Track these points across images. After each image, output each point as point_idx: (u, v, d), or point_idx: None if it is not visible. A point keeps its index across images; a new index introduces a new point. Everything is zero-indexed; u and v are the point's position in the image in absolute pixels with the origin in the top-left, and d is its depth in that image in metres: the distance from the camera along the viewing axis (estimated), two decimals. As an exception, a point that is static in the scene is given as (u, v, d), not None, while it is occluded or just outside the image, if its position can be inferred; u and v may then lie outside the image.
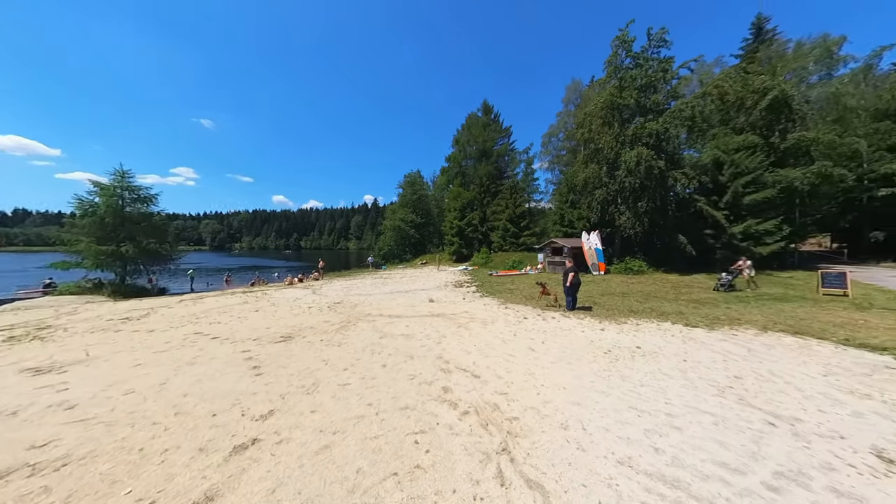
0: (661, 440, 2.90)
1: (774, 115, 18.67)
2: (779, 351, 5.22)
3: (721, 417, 3.26)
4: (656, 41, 17.52)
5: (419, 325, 7.40)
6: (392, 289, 13.98)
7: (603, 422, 3.24)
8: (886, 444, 2.81)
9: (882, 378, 4.15)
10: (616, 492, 2.32)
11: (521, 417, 3.37)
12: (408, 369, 4.73)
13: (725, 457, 2.66)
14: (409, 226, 38.01)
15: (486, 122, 34.83)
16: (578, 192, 21.65)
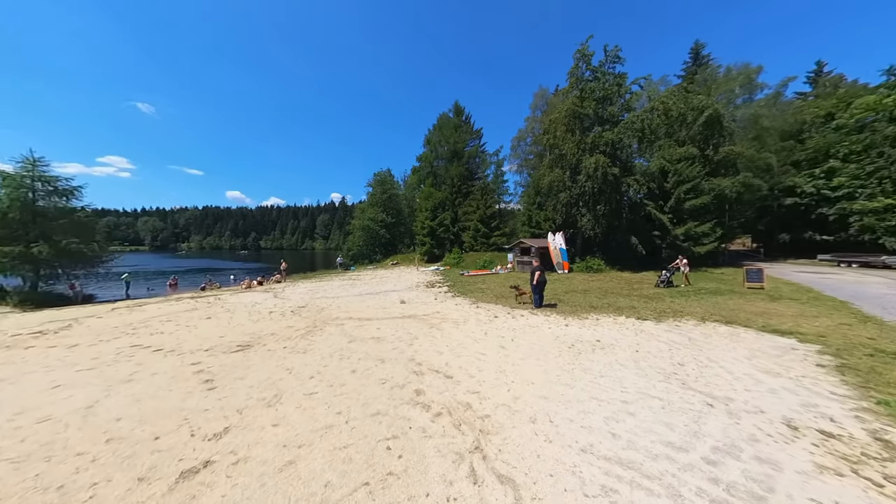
0: (618, 426, 3.15)
1: (709, 131, 21.23)
2: (714, 339, 5.93)
3: (668, 401, 3.62)
4: (612, 57, 19.00)
5: (390, 327, 7.26)
6: (362, 290, 13.56)
7: (567, 413, 3.43)
8: (793, 415, 3.32)
9: (789, 358, 4.90)
10: (579, 478, 2.47)
11: (493, 415, 3.45)
12: (379, 374, 4.61)
13: (671, 437, 2.96)
14: (379, 225, 37.11)
15: (458, 123, 35.18)
16: (544, 195, 22.77)
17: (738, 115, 25.56)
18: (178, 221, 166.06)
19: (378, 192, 38.83)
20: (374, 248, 37.97)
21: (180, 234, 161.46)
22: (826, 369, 4.44)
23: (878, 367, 4.42)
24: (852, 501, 2.20)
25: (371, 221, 36.99)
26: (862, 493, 2.28)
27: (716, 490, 2.32)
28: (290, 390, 4.09)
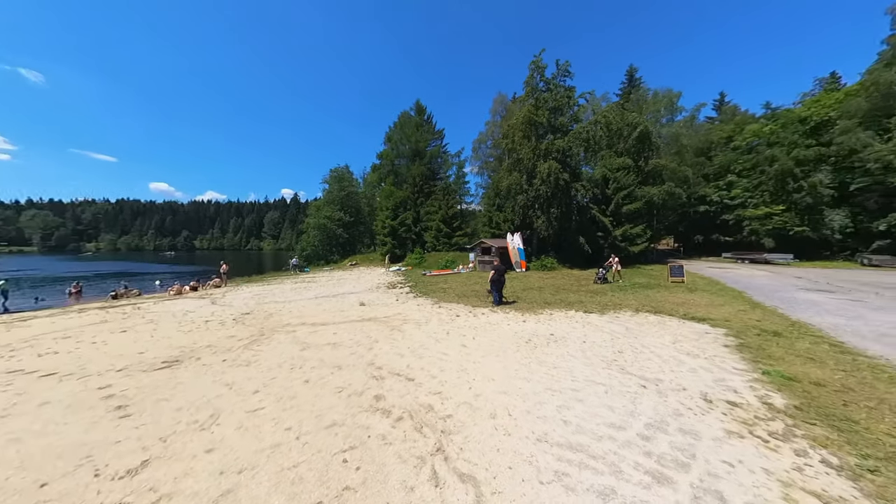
0: (569, 413, 3.38)
1: (641, 145, 24.13)
2: (646, 327, 6.73)
3: (609, 386, 4.00)
4: (562, 71, 20.56)
5: (348, 331, 6.91)
6: (317, 293, 12.70)
7: (525, 405, 3.58)
8: (708, 389, 3.90)
9: (704, 341, 5.76)
10: (535, 467, 2.58)
11: (455, 414, 3.46)
12: (335, 382, 4.34)
13: (612, 418, 3.26)
14: (336, 224, 35.21)
15: (419, 122, 34.96)
16: (504, 197, 23.76)
17: (664, 133, 29.56)
18: (80, 216, 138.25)
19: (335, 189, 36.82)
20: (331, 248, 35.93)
21: (85, 231, 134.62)
22: (730, 349, 5.31)
23: (763, 344, 5.42)
24: (749, 458, 2.64)
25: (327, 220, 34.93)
26: (755, 449, 2.75)
27: (649, 462, 2.60)
28: (230, 409, 3.63)
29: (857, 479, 2.38)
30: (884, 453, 2.63)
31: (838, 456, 2.63)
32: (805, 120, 26.14)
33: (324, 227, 35.04)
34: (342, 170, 38.69)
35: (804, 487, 2.31)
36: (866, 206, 22.97)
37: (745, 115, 33.27)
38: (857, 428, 2.99)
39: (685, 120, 32.53)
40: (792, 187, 24.38)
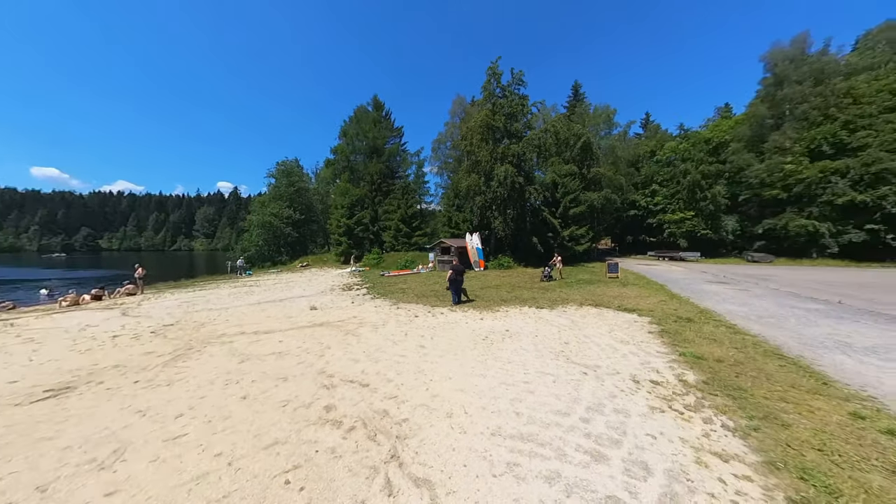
0: (521, 405, 3.53)
1: (584, 154, 26.60)
2: (588, 319, 7.39)
3: (557, 376, 4.28)
4: (517, 80, 21.68)
5: (297, 338, 6.35)
6: (261, 298, 11.50)
7: (481, 401, 3.65)
8: (636, 371, 4.40)
9: (634, 329, 6.52)
10: (489, 461, 2.63)
11: (411, 417, 3.37)
12: (279, 395, 3.93)
13: (558, 405, 3.49)
14: (284, 222, 32.33)
15: (377, 118, 33.88)
16: (463, 198, 24.22)
17: (602, 145, 33.00)
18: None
19: (283, 183, 33.79)
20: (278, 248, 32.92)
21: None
22: (653, 335, 6.09)
23: (679, 330, 6.32)
24: (668, 429, 3.03)
25: (274, 217, 31.89)
26: (673, 421, 3.17)
27: (588, 442, 2.83)
28: (142, 440, 3.06)
29: (746, 437, 2.88)
30: (763, 413, 3.23)
31: (734, 420, 3.16)
32: (708, 141, 31.41)
33: (269, 225, 31.89)
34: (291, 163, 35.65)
35: (710, 450, 2.72)
36: (749, 214, 28.48)
37: (665, 134, 38.81)
38: (745, 395, 3.63)
39: (619, 134, 36.78)
40: (699, 196, 29.07)
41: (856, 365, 4.52)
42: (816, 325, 6.64)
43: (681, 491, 2.27)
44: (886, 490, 2.23)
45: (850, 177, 23.05)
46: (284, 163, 35.20)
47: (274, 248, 32.81)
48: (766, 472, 2.43)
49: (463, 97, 35.66)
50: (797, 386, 3.83)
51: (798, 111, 26.72)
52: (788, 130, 26.71)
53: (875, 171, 21.99)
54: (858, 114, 23.75)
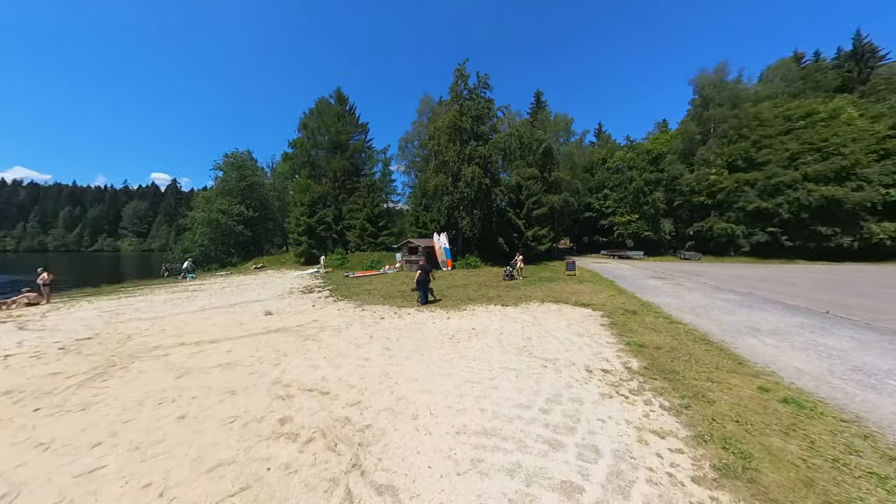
0: (485, 401, 3.60)
1: (545, 159, 28.13)
2: (549, 315, 7.80)
3: (519, 370, 4.45)
4: (483, 83, 22.20)
5: (248, 347, 5.82)
6: (206, 304, 10.36)
7: (446, 401, 3.65)
8: (589, 362, 4.73)
9: (588, 322, 7.02)
10: (454, 460, 2.63)
11: (375, 422, 3.26)
12: (225, 411, 3.55)
13: (520, 399, 3.62)
14: (234, 220, 29.45)
15: (341, 112, 32.45)
16: (430, 197, 24.19)
17: (562, 151, 35.21)
18: None
19: (233, 177, 30.75)
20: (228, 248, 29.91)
21: None
22: (605, 327, 6.61)
23: (626, 322, 6.95)
24: (616, 413, 3.30)
25: (222, 214, 28.87)
26: (619, 405, 3.46)
27: (547, 432, 2.97)
28: (43, 478, 2.56)
29: (679, 414, 3.24)
30: (693, 392, 3.66)
31: (669, 400, 3.53)
32: (649, 152, 35.04)
33: (217, 223, 28.80)
34: (242, 155, 32.54)
35: (650, 428, 3.01)
36: (682, 217, 32.41)
37: (614, 144, 42.54)
38: (678, 377, 4.09)
39: (577, 142, 39.53)
40: (643, 201, 32.34)
41: (762, 346, 5.34)
42: (734, 313, 7.74)
43: (625, 468, 2.48)
44: (783, 448, 2.66)
45: (757, 187, 27.34)
46: (235, 155, 31.94)
47: (223, 249, 29.68)
48: (695, 445, 2.75)
49: (430, 97, 35.61)
50: (720, 367, 4.41)
51: (719, 129, 31.11)
52: (712, 146, 30.97)
53: (774, 183, 26.37)
54: (763, 134, 28.27)
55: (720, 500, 2.18)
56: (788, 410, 3.25)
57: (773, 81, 33.69)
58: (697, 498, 2.21)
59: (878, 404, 3.40)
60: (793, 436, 2.84)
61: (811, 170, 25.02)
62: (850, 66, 36.51)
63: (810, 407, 3.29)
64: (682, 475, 2.41)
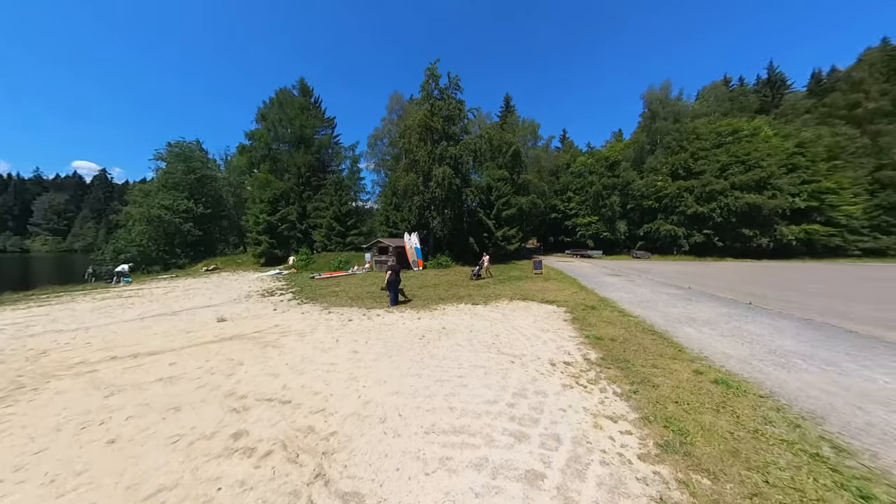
0: (454, 399, 3.63)
1: (514, 161, 29.09)
2: (517, 312, 8.08)
3: (488, 367, 4.55)
4: (454, 84, 22.39)
5: (197, 358, 5.29)
6: (144, 312, 9.23)
7: (415, 401, 3.61)
8: (553, 355, 4.99)
9: (553, 318, 7.40)
10: (422, 460, 2.62)
11: (341, 429, 3.13)
12: (168, 430, 3.19)
13: (489, 395, 3.71)
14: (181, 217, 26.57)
15: (305, 104, 30.75)
16: (401, 197, 23.82)
17: (530, 154, 36.73)
18: None
19: (179, 169, 27.71)
20: (172, 248, 26.89)
21: None
22: (567, 322, 7.01)
23: (586, 316, 7.43)
24: (575, 402, 3.51)
25: (165, 210, 25.87)
26: (579, 395, 3.69)
27: (513, 425, 3.07)
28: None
29: (629, 399, 3.54)
30: (640, 379, 4.02)
31: (621, 387, 3.84)
32: (607, 159, 37.86)
33: (159, 220, 25.72)
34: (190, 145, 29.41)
35: (604, 414, 3.24)
36: (634, 219, 35.49)
37: (577, 150, 45.27)
38: (629, 365, 4.46)
39: (543, 146, 41.52)
40: (601, 204, 34.86)
41: (697, 334, 6.02)
42: (675, 306, 8.63)
43: (582, 452, 2.65)
44: (714, 423, 3.02)
45: (694, 194, 30.82)
46: (180, 144, 28.71)
47: (166, 249, 26.54)
48: (641, 426, 3.02)
49: (401, 94, 35.14)
50: (663, 354, 4.89)
51: (665, 141, 34.59)
52: (659, 155, 34.36)
53: (708, 190, 29.91)
54: (700, 147, 31.92)
55: (661, 473, 2.42)
56: (718, 390, 3.70)
57: (707, 101, 38.28)
58: (642, 473, 2.42)
59: (787, 381, 4.00)
60: (722, 412, 3.23)
61: (737, 179, 28.80)
62: (766, 91, 42.79)
63: (736, 386, 3.77)
64: (630, 454, 2.63)
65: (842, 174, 28.27)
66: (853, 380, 3.97)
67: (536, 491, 2.28)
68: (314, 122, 30.65)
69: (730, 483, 2.31)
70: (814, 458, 2.54)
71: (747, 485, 2.29)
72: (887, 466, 2.48)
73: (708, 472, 2.41)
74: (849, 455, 2.60)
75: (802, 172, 28.57)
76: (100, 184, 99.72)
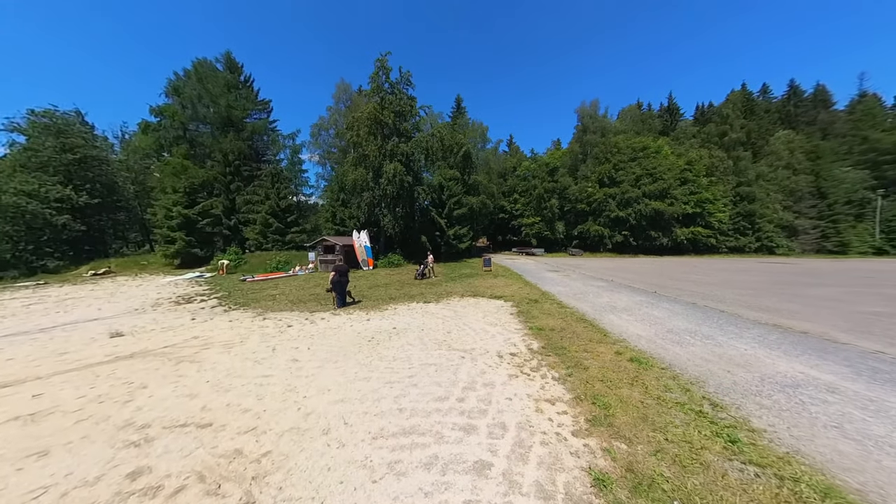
0: (404, 400, 3.56)
1: (465, 162, 29.88)
2: (468, 309, 8.32)
3: (439, 364, 4.58)
4: (405, 80, 21.97)
5: (76, 385, 4.24)
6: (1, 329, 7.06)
7: (363, 407, 3.44)
8: (500, 347, 5.24)
9: (501, 312, 7.80)
10: (369, 468, 2.50)
11: (276, 448, 2.81)
12: (27, 482, 2.48)
13: (439, 392, 3.74)
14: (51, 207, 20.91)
15: (233, 81, 26.92)
16: (349, 192, 22.56)
17: (480, 156, 38.19)
18: None
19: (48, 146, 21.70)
20: (38, 247, 21.03)
21: None
22: (514, 315, 7.47)
23: (530, 310, 8.02)
24: (520, 390, 3.75)
25: (24, 198, 20.07)
26: (523, 383, 3.95)
27: (462, 419, 3.14)
28: None
29: (564, 382, 3.91)
30: (574, 363, 4.48)
31: (558, 372, 4.23)
32: (548, 164, 41.48)
33: (15, 210, 19.80)
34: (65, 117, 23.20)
35: (544, 398, 3.53)
36: (570, 220, 39.70)
37: (522, 154, 48.66)
38: (566, 352, 4.95)
39: (492, 149, 43.53)
40: (543, 206, 38.11)
41: (618, 320, 6.98)
42: (602, 297, 9.89)
43: (525, 436, 2.84)
44: (629, 396, 3.52)
45: (616, 200, 35.79)
46: (49, 113, 22.30)
47: (29, 250, 20.57)
48: (574, 405, 3.37)
49: (348, 83, 33.19)
50: (592, 339, 5.54)
51: (594, 152, 39.38)
52: (590, 164, 38.99)
53: (626, 197, 35.04)
54: (620, 159, 37.13)
55: (590, 445, 2.73)
56: (633, 367, 4.33)
57: (625, 120, 44.71)
58: (575, 447, 2.70)
59: (680, 354, 4.88)
60: (635, 385, 3.79)
61: (648, 189, 34.35)
62: (667, 116, 51.88)
63: (645, 362, 4.47)
64: (565, 432, 2.91)
65: (715, 188, 35.92)
66: (724, 349, 5.05)
67: (484, 480, 2.37)
68: (244, 104, 26.99)
69: (640, 444, 2.71)
70: (698, 415, 3.14)
71: (653, 444, 2.72)
72: (746, 415, 3.20)
73: (625, 437, 2.80)
74: (721, 409, 3.28)
75: (690, 185, 35.46)
76: (-86, 159, 72.16)
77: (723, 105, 45.12)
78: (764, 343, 5.31)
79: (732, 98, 44.65)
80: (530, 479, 2.37)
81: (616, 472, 2.42)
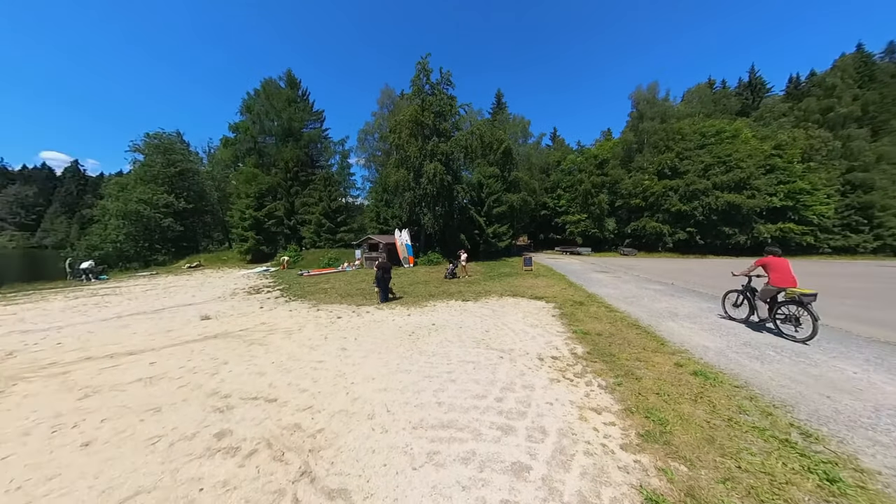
0: (443, 394, 3.65)
1: (505, 159, 29.20)
2: (507, 308, 8.16)
3: (477, 362, 4.59)
4: (445, 80, 22.20)
5: (178, 357, 5.14)
6: (122, 311, 8.90)
7: (404, 397, 3.62)
8: (541, 350, 5.06)
9: (542, 314, 7.51)
10: (410, 455, 2.63)
11: (328, 426, 3.11)
12: (147, 432, 3.10)
13: (477, 389, 3.75)
14: (161, 212, 25.60)
15: (292, 96, 29.95)
16: (392, 193, 23.60)
17: (521, 152, 36.92)
18: None
19: (158, 162, 26.62)
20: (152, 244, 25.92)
21: None
22: (556, 317, 7.13)
23: (574, 312, 7.58)
24: (562, 395, 3.59)
25: (143, 205, 24.88)
26: (565, 388, 3.77)
27: (500, 419, 3.12)
28: None
29: (613, 392, 3.64)
30: (624, 372, 4.13)
31: (606, 380, 3.94)
32: (596, 157, 38.46)
33: (137, 215, 24.70)
34: (170, 137, 28.27)
35: (589, 406, 3.33)
36: (622, 217, 36.28)
37: (567, 148, 45.84)
38: (614, 359, 4.58)
39: (534, 144, 41.77)
40: (590, 202, 35.46)
41: (679, 328, 6.23)
42: (659, 301, 8.90)
43: (567, 444, 2.72)
44: (691, 413, 3.14)
45: (679, 193, 31.70)
46: (159, 135, 27.52)
47: (145, 246, 25.52)
48: (624, 417, 3.12)
49: (392, 89, 34.58)
50: (646, 348, 5.04)
51: (651, 140, 35.34)
52: (646, 154, 35.09)
53: (692, 189, 30.83)
54: (684, 147, 32.79)
55: (642, 461, 2.51)
56: (697, 381, 3.85)
57: (692, 102, 39.25)
58: (624, 462, 2.50)
59: (760, 371, 4.19)
60: (699, 402, 3.37)
61: (719, 179, 29.79)
62: (747, 94, 44.19)
63: (713, 377, 3.93)
64: (613, 444, 2.72)
65: (815, 175, 29.64)
66: (821, 369, 4.20)
67: (522, 482, 2.33)
68: (302, 116, 29.90)
69: (704, 469, 2.41)
70: (783, 444, 2.67)
71: (721, 470, 2.39)
72: (853, 451, 2.63)
73: (685, 459, 2.51)
74: (816, 440, 2.75)
75: (779, 173, 29.81)
76: (72, 176, 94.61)
77: (827, 73, 36.91)
78: (882, 366, 4.29)
79: (841, 64, 36.29)
80: (572, 489, 2.27)
81: (673, 495, 2.19)
